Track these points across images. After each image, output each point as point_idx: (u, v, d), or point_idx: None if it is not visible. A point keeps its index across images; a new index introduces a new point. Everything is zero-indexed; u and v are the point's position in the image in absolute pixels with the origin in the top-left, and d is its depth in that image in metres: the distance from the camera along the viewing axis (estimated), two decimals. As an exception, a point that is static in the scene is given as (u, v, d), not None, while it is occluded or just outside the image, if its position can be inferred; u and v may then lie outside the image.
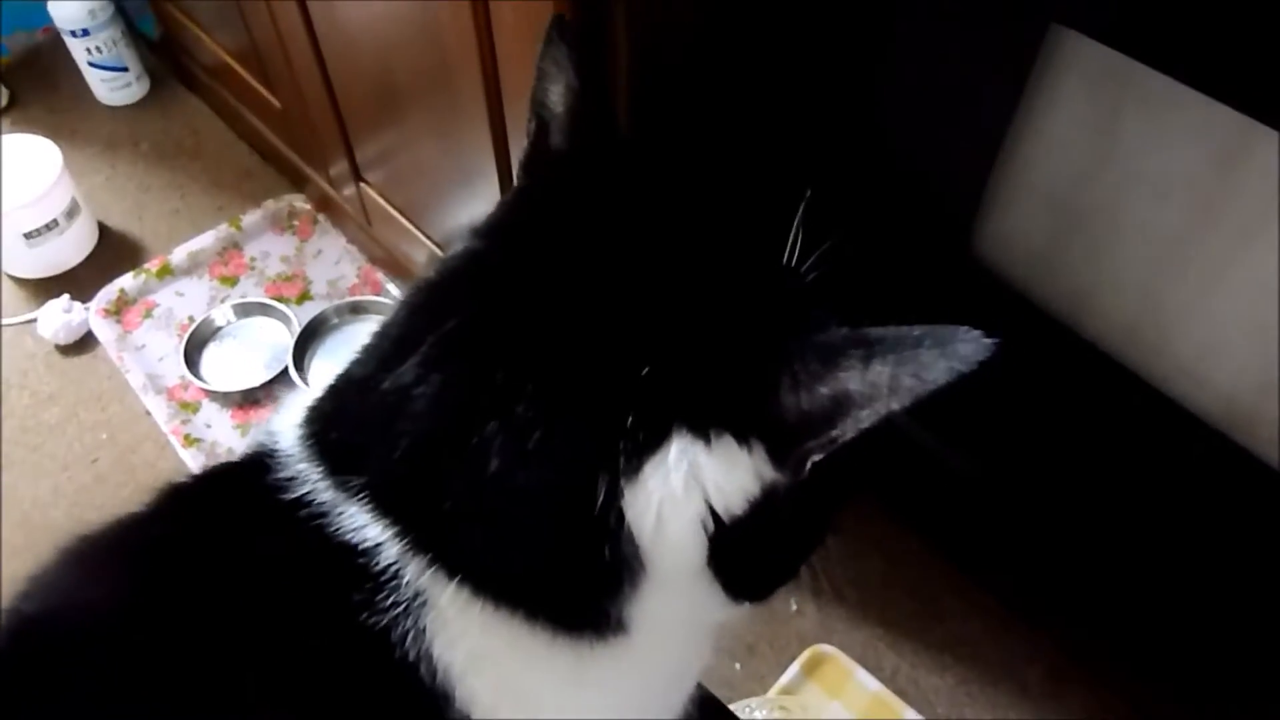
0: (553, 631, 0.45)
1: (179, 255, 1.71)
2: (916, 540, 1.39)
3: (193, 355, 1.58)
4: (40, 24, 2.02)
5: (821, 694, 1.24)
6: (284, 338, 1.60)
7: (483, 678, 0.44)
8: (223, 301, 1.66)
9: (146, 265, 1.69)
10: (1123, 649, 1.26)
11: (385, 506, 0.43)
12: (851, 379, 0.41)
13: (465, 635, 0.44)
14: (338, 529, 0.43)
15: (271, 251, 1.74)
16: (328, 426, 0.46)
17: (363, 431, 0.45)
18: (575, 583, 0.45)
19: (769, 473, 0.44)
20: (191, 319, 1.63)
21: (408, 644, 0.42)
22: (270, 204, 1.78)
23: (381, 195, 1.49)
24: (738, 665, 1.29)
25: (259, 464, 0.46)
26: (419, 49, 1.11)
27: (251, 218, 1.76)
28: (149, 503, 0.48)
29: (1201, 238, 1.17)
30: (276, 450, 0.46)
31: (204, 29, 1.75)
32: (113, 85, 1.97)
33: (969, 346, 0.40)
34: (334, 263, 1.71)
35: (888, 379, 0.40)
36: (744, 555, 0.47)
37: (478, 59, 0.99)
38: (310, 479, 0.44)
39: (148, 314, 1.66)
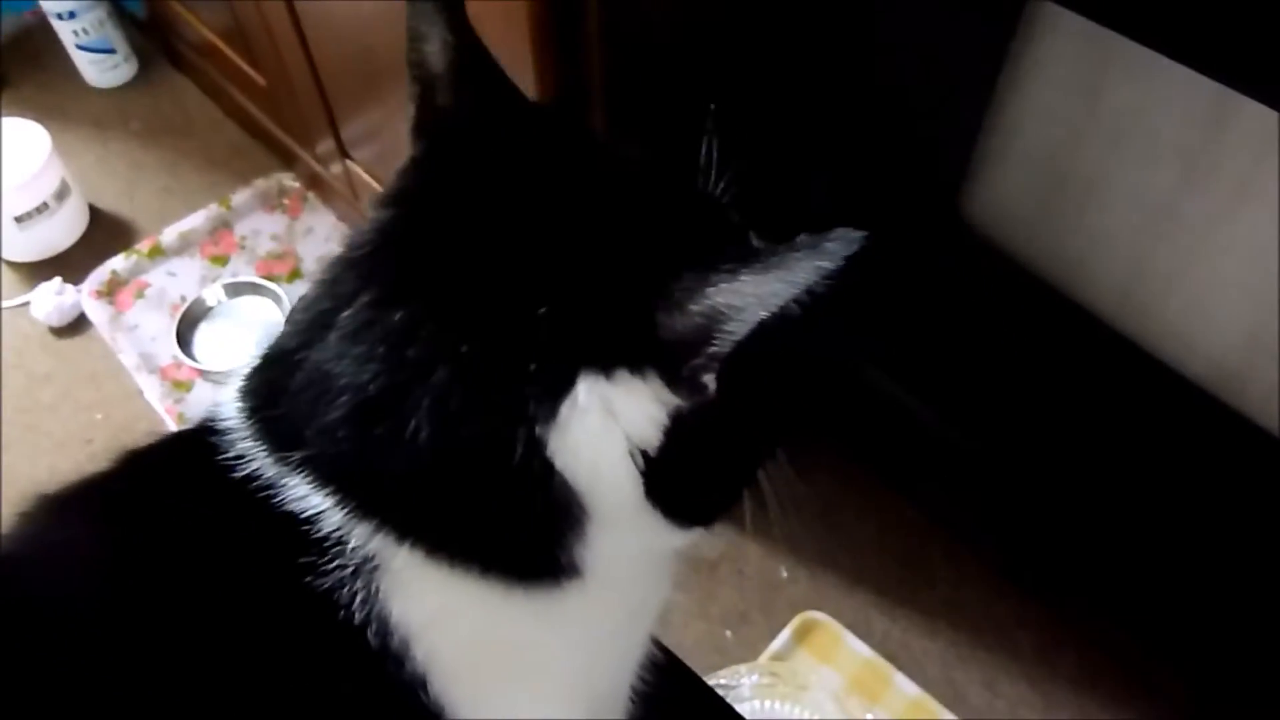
0: (508, 583, 0.46)
1: (170, 235, 1.71)
2: (908, 506, 1.39)
3: (185, 335, 1.59)
4: (28, 6, 2.01)
5: (812, 660, 1.25)
6: (275, 316, 1.60)
7: (443, 635, 0.45)
8: (214, 281, 1.66)
9: (138, 246, 1.70)
10: (1114, 612, 1.26)
11: (327, 478, 0.44)
12: (720, 293, 0.41)
13: (422, 595, 0.44)
14: (284, 500, 0.44)
15: (262, 230, 1.74)
16: (263, 404, 0.46)
17: (296, 408, 0.45)
18: (521, 535, 0.45)
19: (669, 398, 0.45)
20: (183, 299, 1.64)
21: (355, 608, 0.43)
22: (260, 182, 1.78)
23: (368, 172, 1.49)
24: (729, 633, 1.30)
25: (207, 440, 0.46)
26: (399, 26, 1.10)
27: (241, 196, 1.76)
28: (109, 467, 0.48)
29: (1190, 200, 1.17)
30: (222, 427, 0.46)
31: (189, 8, 1.74)
32: (101, 67, 1.96)
33: (836, 244, 0.39)
34: (324, 240, 1.71)
35: (755, 287, 0.40)
36: (678, 484, 0.47)
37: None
38: (255, 457, 0.45)
39: (140, 294, 1.66)
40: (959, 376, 1.31)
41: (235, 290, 1.65)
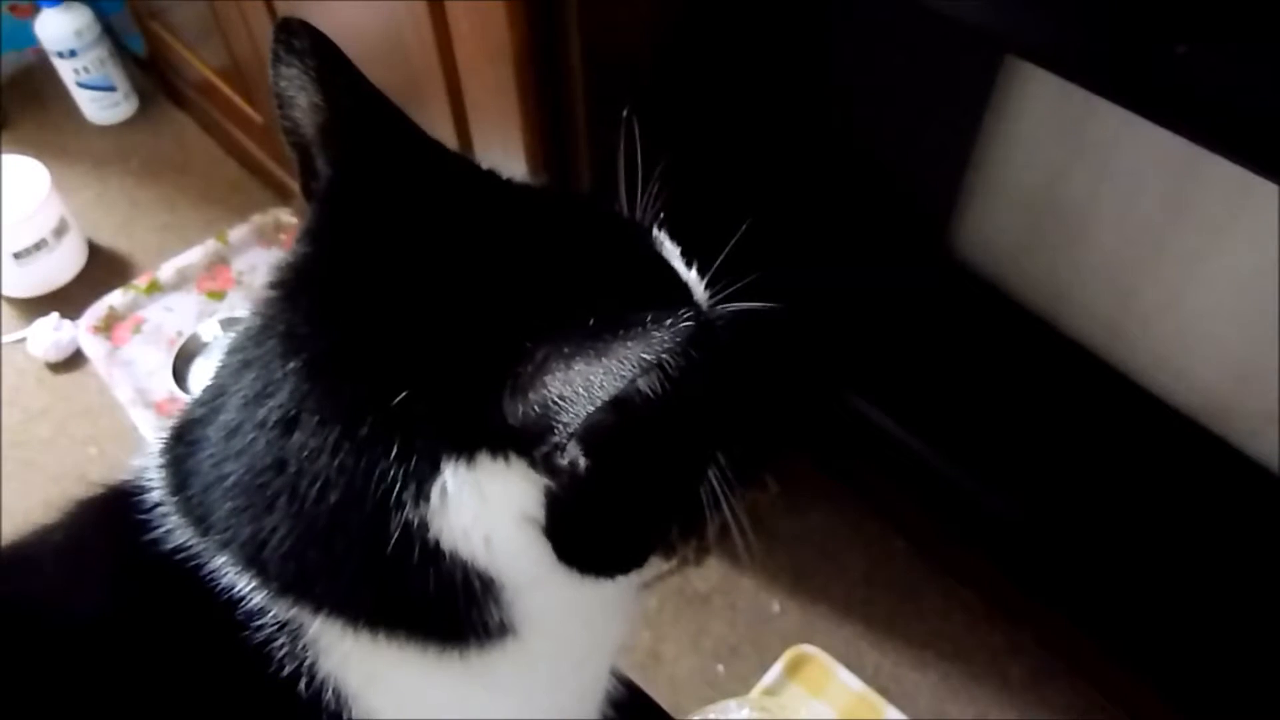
0: (439, 648, 0.45)
1: (167, 271, 1.72)
2: (898, 537, 1.39)
3: (181, 370, 1.60)
4: (29, 44, 2.04)
5: (804, 694, 1.25)
6: (271, 350, 1.61)
7: (382, 696, 0.45)
8: (211, 316, 1.67)
9: (135, 281, 1.71)
10: (1104, 643, 1.26)
11: (241, 561, 0.44)
12: (554, 382, 0.39)
13: (352, 661, 0.45)
14: (209, 574, 0.44)
15: (259, 265, 1.75)
16: (179, 485, 0.47)
17: (204, 494, 0.45)
18: (432, 607, 0.45)
19: (536, 477, 0.43)
20: (180, 334, 1.65)
21: (286, 670, 0.44)
22: (257, 218, 1.79)
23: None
24: (720, 667, 1.29)
25: (140, 508, 0.47)
26: (386, 63, 1.12)
27: (238, 232, 1.77)
28: (60, 519, 0.49)
29: (1175, 232, 1.18)
30: (150, 500, 0.47)
31: (188, 47, 1.77)
32: (102, 104, 1.99)
33: (661, 332, 0.38)
34: (320, 275, 1.72)
35: (583, 379, 0.39)
36: (586, 544, 0.46)
37: (440, 70, 1.00)
38: (181, 531, 0.46)
39: (137, 329, 1.67)
40: (948, 409, 1.31)
41: (231, 325, 1.65)
